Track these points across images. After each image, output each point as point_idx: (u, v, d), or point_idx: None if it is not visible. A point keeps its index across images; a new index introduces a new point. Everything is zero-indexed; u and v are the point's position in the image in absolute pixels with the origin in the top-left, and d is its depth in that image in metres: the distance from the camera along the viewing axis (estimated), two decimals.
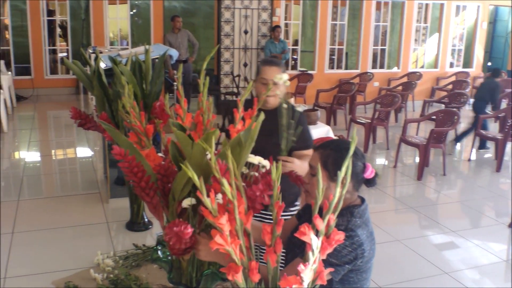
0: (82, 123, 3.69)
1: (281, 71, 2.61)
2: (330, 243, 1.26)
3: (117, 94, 3.70)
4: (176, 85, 1.77)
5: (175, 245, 1.42)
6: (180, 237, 1.40)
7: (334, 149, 1.74)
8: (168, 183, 1.60)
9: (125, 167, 1.54)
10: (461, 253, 4.32)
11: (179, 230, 1.39)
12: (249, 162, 1.66)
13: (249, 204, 1.42)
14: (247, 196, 1.42)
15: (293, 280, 1.21)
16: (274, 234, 1.29)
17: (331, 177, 1.69)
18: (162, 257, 1.73)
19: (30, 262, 3.74)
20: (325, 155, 1.73)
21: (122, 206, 4.67)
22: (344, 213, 1.70)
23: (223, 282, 1.86)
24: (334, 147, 1.75)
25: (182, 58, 9.03)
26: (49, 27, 10.71)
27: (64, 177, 5.91)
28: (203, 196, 1.22)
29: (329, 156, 1.72)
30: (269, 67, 2.63)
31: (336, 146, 1.76)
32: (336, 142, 1.82)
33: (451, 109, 7.00)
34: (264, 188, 1.42)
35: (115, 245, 4.09)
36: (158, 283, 2.26)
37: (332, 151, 1.73)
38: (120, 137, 1.69)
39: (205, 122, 1.67)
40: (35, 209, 4.77)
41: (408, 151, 7.56)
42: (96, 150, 6.85)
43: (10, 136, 7.58)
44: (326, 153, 1.73)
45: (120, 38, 11.53)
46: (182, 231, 1.39)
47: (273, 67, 2.62)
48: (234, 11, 10.04)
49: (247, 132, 1.51)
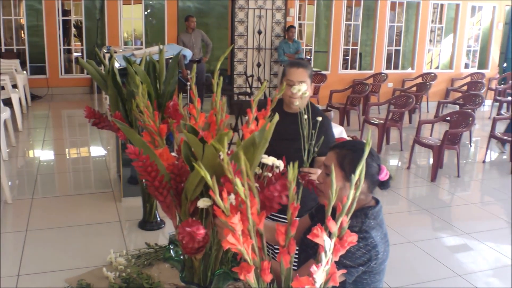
0: (96, 122, 3.71)
1: (308, 73, 2.59)
2: (343, 245, 1.25)
3: (131, 93, 3.71)
4: (190, 85, 1.77)
5: (188, 244, 1.42)
6: (193, 237, 1.40)
7: (351, 149, 1.73)
8: (181, 183, 1.61)
9: (139, 166, 1.55)
10: (475, 256, 4.28)
11: (192, 230, 1.39)
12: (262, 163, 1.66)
13: (266, 203, 1.42)
14: (264, 196, 1.42)
15: (306, 281, 1.21)
16: (288, 235, 1.28)
17: (346, 177, 1.68)
18: (174, 256, 1.74)
19: (44, 260, 3.77)
20: (342, 154, 1.72)
21: (135, 205, 4.69)
22: (358, 215, 1.69)
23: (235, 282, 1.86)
24: (351, 147, 1.75)
25: (195, 58, 9.05)
26: (64, 27, 10.80)
27: (78, 176, 5.95)
28: (215, 196, 1.22)
29: (345, 156, 1.71)
30: (296, 69, 2.59)
31: (353, 146, 1.75)
32: (353, 142, 1.81)
33: (466, 111, 6.94)
34: (281, 189, 1.42)
35: (128, 244, 4.11)
36: (170, 282, 2.27)
37: (349, 151, 1.72)
38: (134, 136, 1.69)
39: (218, 122, 1.67)
40: (48, 207, 4.80)
41: (422, 152, 7.51)
42: (109, 149, 6.89)
43: (25, 134, 7.65)
44: (343, 153, 1.73)
45: (134, 38, 11.59)
46: (195, 231, 1.39)
47: (299, 68, 2.59)
48: (248, 11, 10.05)
49: (261, 132, 1.50)
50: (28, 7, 11.20)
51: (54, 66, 10.53)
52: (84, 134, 7.98)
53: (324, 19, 13.35)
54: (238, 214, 1.23)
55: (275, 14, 10.22)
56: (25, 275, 3.54)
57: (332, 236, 1.24)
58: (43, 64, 10.56)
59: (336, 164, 1.71)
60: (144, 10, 10.90)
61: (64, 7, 11.12)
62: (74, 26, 11.38)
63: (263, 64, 10.35)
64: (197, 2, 14.42)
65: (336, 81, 11.09)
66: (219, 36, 13.70)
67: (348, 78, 11.40)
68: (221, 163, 1.30)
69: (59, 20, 10.37)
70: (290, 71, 2.60)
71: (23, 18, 11.05)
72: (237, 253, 1.26)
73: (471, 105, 8.45)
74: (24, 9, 10.80)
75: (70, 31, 11.19)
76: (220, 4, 14.09)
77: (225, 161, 1.26)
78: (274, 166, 1.62)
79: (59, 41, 10.45)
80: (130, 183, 4.99)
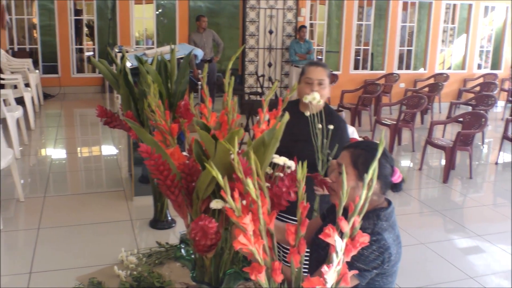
0: (108, 122, 3.73)
1: (327, 73, 2.59)
2: (355, 245, 1.24)
3: (143, 93, 3.72)
4: (201, 85, 1.77)
5: (201, 241, 1.42)
6: (205, 232, 1.40)
7: (365, 149, 1.72)
8: (192, 182, 1.61)
9: (151, 165, 1.55)
10: (487, 258, 4.25)
11: (204, 224, 1.39)
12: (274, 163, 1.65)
13: (275, 200, 1.41)
14: (273, 193, 1.42)
15: (317, 281, 1.20)
16: (299, 235, 1.28)
17: (360, 177, 1.67)
18: (185, 256, 1.74)
19: (55, 257, 3.79)
20: (356, 154, 1.71)
21: (146, 204, 4.71)
22: (370, 216, 1.68)
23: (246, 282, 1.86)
24: (365, 146, 1.74)
25: (206, 57, 9.06)
26: (76, 27, 10.87)
27: (89, 175, 5.98)
28: (226, 196, 1.22)
29: (360, 155, 1.70)
30: (315, 68, 2.59)
31: (368, 146, 1.74)
32: (367, 142, 1.80)
33: (479, 112, 6.88)
34: (290, 185, 1.42)
35: (139, 243, 4.12)
36: (181, 281, 2.27)
37: (364, 151, 1.71)
38: (146, 135, 1.69)
39: (229, 122, 1.67)
40: (60, 205, 4.83)
41: (434, 153, 7.47)
42: (120, 148, 6.92)
43: (37, 133, 7.70)
44: (357, 152, 1.71)
45: (146, 37, 11.63)
46: (207, 225, 1.39)
47: (319, 67, 2.59)
48: (259, 11, 10.04)
49: (271, 132, 1.50)
50: (40, 7, 11.28)
51: (66, 65, 10.59)
52: (95, 133, 8.02)
53: (335, 19, 13.32)
54: (250, 215, 1.22)
55: (286, 14, 10.21)
56: (37, 273, 3.56)
57: (344, 236, 1.23)
58: (56, 63, 10.63)
59: (350, 163, 1.71)
60: (156, 10, 10.93)
61: (76, 7, 11.20)
62: (86, 25, 11.44)
63: (274, 64, 10.34)
64: (208, 2, 14.44)
65: (348, 81, 11.06)
66: (230, 36, 13.71)
67: (359, 78, 11.36)
68: (232, 162, 1.30)
69: (71, 20, 10.44)
70: (309, 70, 2.59)
71: (35, 17, 11.13)
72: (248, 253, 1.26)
73: (483, 106, 8.38)
74: (37, 8, 10.88)
75: (82, 31, 11.25)
76: (231, 4, 14.10)
77: (236, 160, 1.26)
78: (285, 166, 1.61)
79: (71, 41, 10.51)
80: (141, 182, 5.01)
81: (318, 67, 2.59)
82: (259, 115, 1.77)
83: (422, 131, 8.66)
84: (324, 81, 2.55)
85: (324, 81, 2.55)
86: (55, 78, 10.57)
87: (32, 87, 8.69)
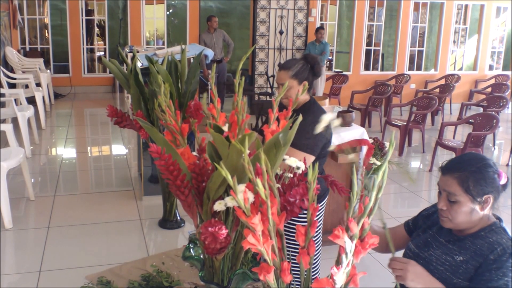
0: (118, 121, 3.74)
1: (290, 75, 2.56)
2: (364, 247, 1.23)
3: (153, 93, 3.73)
4: (210, 85, 1.76)
5: (210, 244, 1.42)
6: (215, 237, 1.40)
7: (471, 170, 1.67)
8: (202, 182, 1.60)
9: (162, 165, 1.54)
10: None
11: (214, 230, 1.38)
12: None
13: (288, 207, 1.41)
14: (286, 200, 1.41)
15: (325, 283, 1.20)
16: (308, 236, 1.27)
17: (474, 199, 1.64)
18: (194, 256, 1.73)
19: (65, 256, 3.81)
20: (463, 178, 1.66)
21: (155, 203, 4.72)
22: (494, 229, 1.66)
23: (254, 282, 1.86)
24: (470, 167, 1.68)
25: (217, 58, 9.07)
26: (87, 27, 10.93)
27: (99, 174, 6.01)
28: (236, 196, 1.22)
29: (467, 178, 1.66)
30: (278, 71, 2.62)
31: (472, 166, 1.68)
32: (468, 161, 1.72)
33: (490, 113, 6.84)
34: (304, 192, 1.41)
35: (148, 242, 4.13)
36: (190, 280, 2.27)
37: (470, 173, 1.66)
38: (156, 135, 1.69)
39: (239, 122, 1.67)
40: (70, 204, 4.86)
41: (445, 154, 7.42)
42: (130, 148, 6.94)
43: (48, 132, 7.75)
44: (464, 176, 1.66)
45: (156, 37, 11.66)
46: (217, 231, 1.39)
47: (281, 71, 2.60)
48: (269, 11, 10.04)
49: (285, 133, 1.49)
50: (52, 7, 11.35)
51: (77, 65, 10.65)
52: (106, 133, 8.05)
53: (346, 19, 13.28)
54: (259, 215, 1.22)
55: (297, 14, 10.20)
56: (46, 271, 3.58)
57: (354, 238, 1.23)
58: (67, 63, 10.70)
59: (460, 190, 1.66)
60: (166, 10, 10.97)
61: (88, 7, 11.25)
62: (97, 25, 11.49)
63: None
64: (218, 2, 14.46)
65: (358, 82, 11.02)
66: (240, 36, 13.72)
67: (370, 79, 11.32)
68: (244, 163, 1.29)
69: (83, 20, 10.50)
70: (277, 74, 2.63)
71: (47, 17, 11.20)
72: (257, 253, 1.26)
73: (495, 107, 8.33)
74: (48, 8, 10.95)
75: (93, 31, 11.31)
76: (241, 4, 14.11)
77: (246, 160, 1.26)
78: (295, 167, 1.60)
79: (83, 41, 10.57)
80: (151, 182, 5.03)
81: (281, 71, 2.59)
82: (269, 116, 1.76)
83: (432, 132, 8.61)
84: (285, 84, 2.54)
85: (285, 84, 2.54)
86: (66, 78, 10.63)
87: (43, 86, 8.75)
